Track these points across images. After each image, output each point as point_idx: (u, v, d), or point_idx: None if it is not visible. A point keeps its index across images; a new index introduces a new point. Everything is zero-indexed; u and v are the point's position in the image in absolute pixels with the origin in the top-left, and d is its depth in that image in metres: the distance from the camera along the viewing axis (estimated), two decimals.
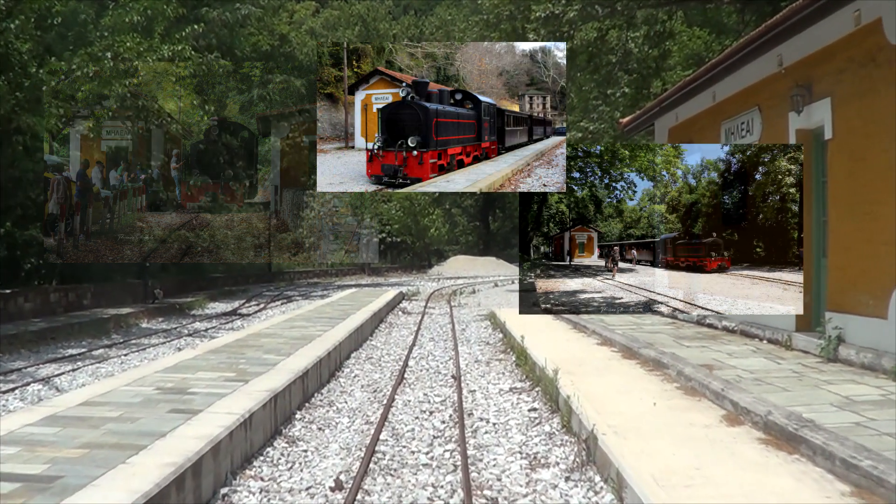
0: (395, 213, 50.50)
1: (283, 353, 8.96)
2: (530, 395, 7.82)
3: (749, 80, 10.74)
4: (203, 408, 5.82)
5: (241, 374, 7.39)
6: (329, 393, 8.43)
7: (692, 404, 6.19)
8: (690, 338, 10.18)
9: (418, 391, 8.47)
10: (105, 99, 15.66)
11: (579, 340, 10.42)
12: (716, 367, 7.70)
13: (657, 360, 7.91)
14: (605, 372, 7.70)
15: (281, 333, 11.12)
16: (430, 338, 13.65)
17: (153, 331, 15.22)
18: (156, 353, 11.81)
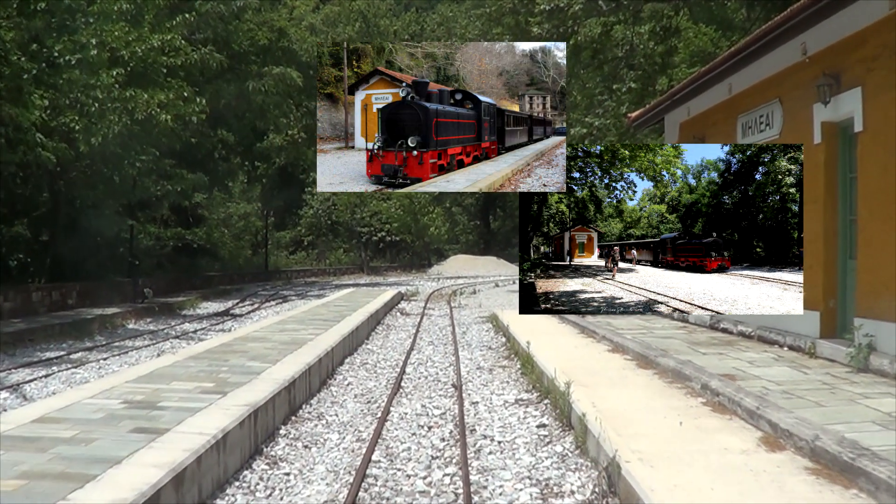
0: (394, 212, 49.84)
1: (269, 359, 8.27)
2: (538, 409, 7.14)
3: (769, 71, 10.14)
4: (171, 426, 5.14)
5: (221, 385, 6.71)
6: (319, 404, 7.75)
7: (723, 424, 5.50)
8: (706, 344, 9.57)
9: (416, 402, 7.79)
10: (92, 89, 14.94)
11: (588, 346, 9.74)
12: (738, 378, 7.07)
13: (677, 370, 7.23)
14: (621, 384, 7.02)
15: (270, 337, 10.44)
16: (430, 341, 12.98)
17: (139, 332, 14.54)
18: (138, 357, 11.14)
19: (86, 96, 14.94)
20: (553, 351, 9.14)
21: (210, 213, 38.65)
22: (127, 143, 16.61)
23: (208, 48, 22.35)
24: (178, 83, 16.61)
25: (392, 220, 49.84)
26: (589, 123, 22.60)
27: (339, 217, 51.16)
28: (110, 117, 15.22)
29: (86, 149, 14.90)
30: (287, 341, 9.90)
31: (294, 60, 30.31)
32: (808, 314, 9.03)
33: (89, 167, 17.36)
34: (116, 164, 16.96)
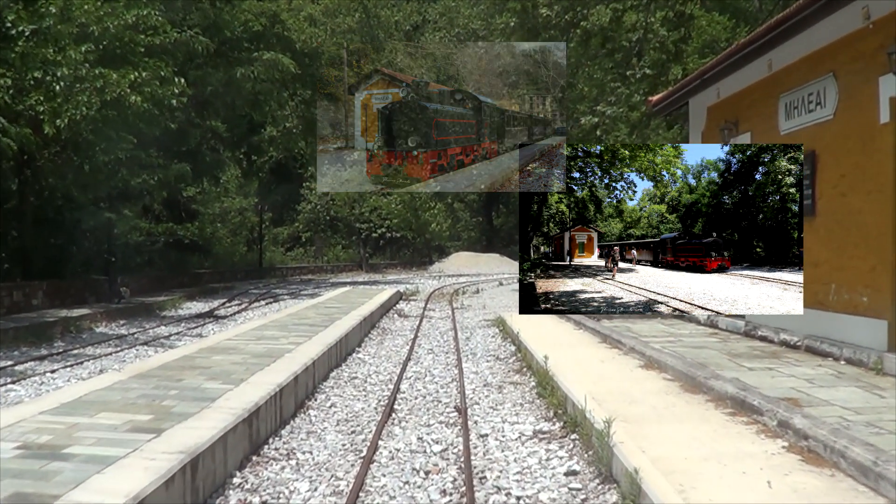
0: (394, 208, 48.29)
1: (233, 378, 6.80)
2: (563, 446, 5.67)
3: (820, 42, 8.81)
4: (65, 490, 3.68)
5: (159, 418, 5.24)
6: (292, 435, 6.28)
7: (828, 485, 4.03)
8: (747, 356, 8.26)
9: (411, 432, 6.32)
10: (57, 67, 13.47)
11: (616, 361, 8.26)
12: (803, 402, 5.72)
13: (739, 398, 5.74)
14: (671, 417, 5.54)
15: (243, 347, 8.95)
16: (429, 349, 11.51)
17: (107, 337, 13.07)
18: (95, 369, 9.68)
19: (50, 75, 13.48)
20: (575, 366, 7.66)
21: (205, 209, 37.17)
22: (100, 128, 15.16)
23: (194, 31, 20.86)
24: (155, 63, 15.10)
25: (392, 216, 48.31)
26: (601, 112, 21.22)
27: (338, 213, 49.61)
28: (78, 97, 13.74)
29: (51, 131, 13.41)
30: (261, 353, 8.42)
31: (289, 48, 28.79)
32: (871, 322, 7.73)
33: (59, 155, 15.89)
34: (88, 152, 15.48)
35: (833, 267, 8.71)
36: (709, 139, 12.81)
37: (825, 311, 8.81)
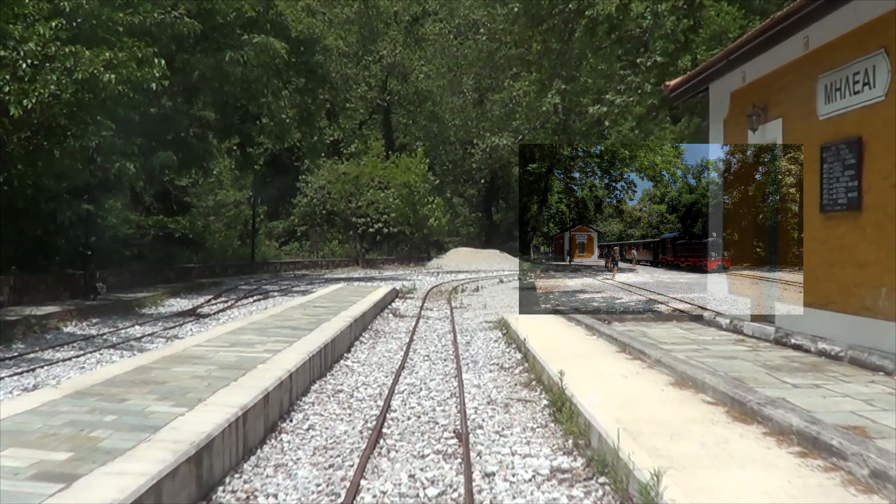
0: (392, 202, 47.11)
1: (188, 399, 5.66)
2: (589, 493, 4.55)
3: (867, 15, 7.94)
4: None
5: (79, 457, 4.12)
6: (255, 471, 5.15)
7: None
8: (787, 369, 7.27)
9: (400, 469, 5.19)
10: (23, 42, 12.35)
11: (640, 375, 7.14)
12: (870, 432, 4.80)
13: (811, 436, 4.61)
14: (726, 460, 4.39)
15: (211, 356, 7.81)
16: (426, 355, 10.39)
17: (74, 338, 11.94)
18: (47, 377, 8.56)
19: (16, 52, 12.35)
20: (597, 384, 6.54)
21: (198, 201, 35.96)
22: (74, 112, 14.00)
23: (179, 11, 19.66)
24: (133, 42, 13.95)
25: (390, 211, 47.14)
26: (609, 101, 20.19)
27: (335, 206, 48.41)
28: (47, 77, 12.61)
29: (17, 113, 12.26)
30: (230, 364, 7.27)
31: (283, 35, 27.60)
32: None
33: (29, 140, 14.71)
34: (59, 137, 14.31)
35: (884, 268, 7.67)
36: (732, 127, 11.73)
37: (873, 318, 7.78)
